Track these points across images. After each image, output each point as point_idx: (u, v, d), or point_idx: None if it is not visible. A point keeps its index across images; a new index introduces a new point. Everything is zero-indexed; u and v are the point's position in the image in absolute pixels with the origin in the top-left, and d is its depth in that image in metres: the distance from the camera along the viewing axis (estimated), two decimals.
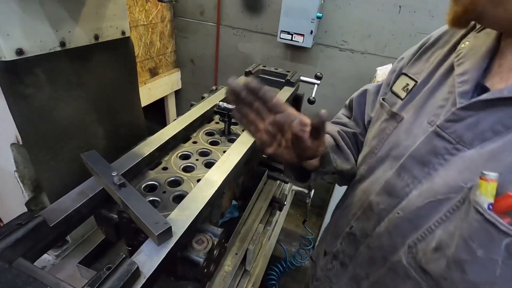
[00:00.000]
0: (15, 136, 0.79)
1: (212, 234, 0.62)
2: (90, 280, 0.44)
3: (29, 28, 0.72)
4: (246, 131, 0.56)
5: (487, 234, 0.40)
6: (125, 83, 1.08)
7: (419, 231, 0.51)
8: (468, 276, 0.43)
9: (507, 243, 0.39)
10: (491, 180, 0.40)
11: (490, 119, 0.45)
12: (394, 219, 0.55)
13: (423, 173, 0.52)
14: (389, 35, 2.11)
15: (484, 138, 0.45)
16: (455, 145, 0.48)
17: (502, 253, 0.39)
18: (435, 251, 0.48)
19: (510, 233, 0.38)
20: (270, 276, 2.12)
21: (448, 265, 0.45)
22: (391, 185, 0.57)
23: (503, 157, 0.42)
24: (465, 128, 0.47)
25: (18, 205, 0.91)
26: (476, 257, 0.42)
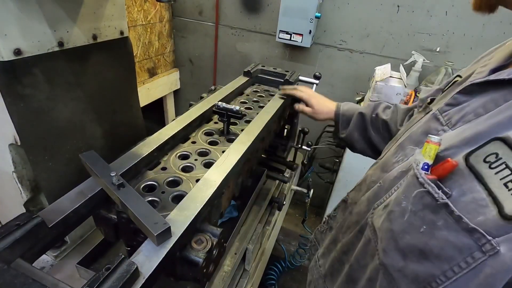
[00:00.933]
0: (13, 137, 0.79)
1: (212, 234, 0.62)
2: (89, 281, 0.44)
3: (26, 28, 0.71)
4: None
5: (412, 187, 0.44)
6: (124, 83, 1.08)
7: (384, 196, 0.54)
8: (392, 225, 0.47)
9: (419, 192, 0.42)
10: (432, 142, 0.44)
11: (477, 103, 0.46)
12: (376, 188, 0.59)
13: (412, 151, 0.54)
14: (387, 34, 2.12)
15: (466, 120, 0.46)
16: (443, 126, 0.50)
17: (413, 202, 0.43)
18: (383, 209, 0.52)
19: (424, 185, 0.41)
20: (270, 275, 2.12)
21: (384, 217, 0.49)
22: (385, 161, 0.61)
23: (464, 133, 0.43)
24: (456, 111, 0.49)
25: (17, 205, 0.91)
26: (400, 207, 0.45)
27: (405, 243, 0.44)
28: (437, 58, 2.03)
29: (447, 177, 0.41)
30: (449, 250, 0.39)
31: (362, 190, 0.65)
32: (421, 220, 0.42)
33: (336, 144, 2.31)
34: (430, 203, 0.41)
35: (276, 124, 1.20)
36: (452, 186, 0.40)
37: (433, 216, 0.41)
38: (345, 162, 2.10)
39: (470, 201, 0.38)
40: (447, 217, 0.39)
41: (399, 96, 1.77)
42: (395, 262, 0.46)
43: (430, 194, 0.41)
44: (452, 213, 0.39)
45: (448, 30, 1.96)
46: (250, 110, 1.13)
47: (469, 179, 0.39)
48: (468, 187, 0.39)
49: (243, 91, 1.30)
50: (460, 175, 0.40)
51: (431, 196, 0.41)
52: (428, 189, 0.41)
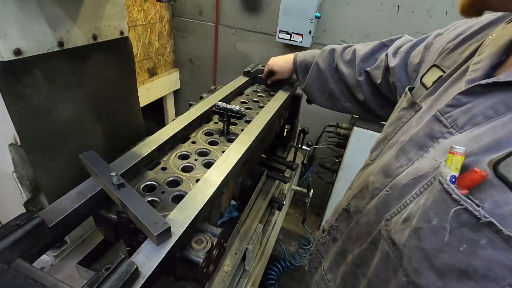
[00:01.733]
0: (13, 137, 0.79)
1: (211, 234, 0.62)
2: (89, 281, 0.44)
3: (27, 28, 0.71)
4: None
5: (443, 203, 0.41)
6: (124, 83, 1.08)
7: (397, 206, 0.52)
8: (422, 243, 0.44)
9: (455, 211, 0.39)
10: (458, 154, 0.41)
11: (484, 105, 0.45)
12: (383, 196, 0.56)
13: (417, 155, 0.53)
14: (387, 34, 2.12)
15: (475, 122, 0.45)
16: (449, 129, 0.49)
17: (450, 221, 0.40)
18: (403, 222, 0.49)
19: (460, 202, 0.39)
20: (270, 275, 2.12)
21: (409, 233, 0.46)
22: (388, 166, 0.58)
23: (483, 139, 0.42)
24: (461, 113, 0.48)
25: (17, 206, 0.91)
26: (431, 225, 0.42)
27: (442, 263, 0.41)
28: None
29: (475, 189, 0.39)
30: (498, 270, 0.36)
31: (366, 198, 0.63)
32: (459, 239, 0.39)
33: (336, 144, 2.31)
34: (468, 221, 0.38)
35: (276, 124, 1.20)
36: (482, 197, 0.38)
37: (474, 235, 0.38)
38: (345, 162, 2.10)
39: (507, 213, 0.36)
40: (492, 235, 0.37)
41: None
42: (431, 283, 0.43)
43: (468, 211, 0.38)
44: (499, 232, 0.36)
45: None
46: (250, 110, 1.13)
47: (501, 190, 0.37)
48: (502, 199, 0.37)
49: (243, 91, 1.30)
50: (490, 186, 0.38)
51: (469, 213, 0.38)
52: (466, 207, 0.38)
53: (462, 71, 0.55)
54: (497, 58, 0.48)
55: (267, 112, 1.04)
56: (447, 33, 0.69)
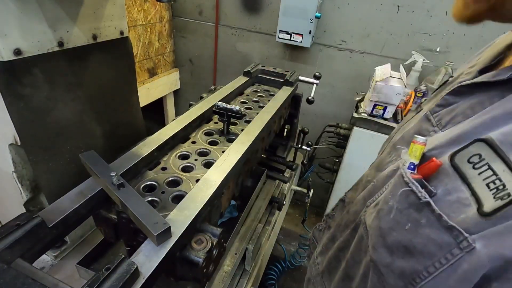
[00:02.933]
0: (13, 137, 0.79)
1: (211, 234, 0.62)
2: (89, 281, 0.44)
3: (27, 28, 0.71)
4: None
5: (398, 185, 0.45)
6: (124, 83, 1.08)
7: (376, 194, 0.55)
8: (381, 223, 0.48)
9: (404, 191, 0.43)
10: (418, 143, 0.45)
11: (465, 105, 0.47)
12: (370, 187, 0.59)
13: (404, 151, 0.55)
14: (387, 34, 2.12)
15: (455, 121, 0.47)
16: (434, 127, 0.51)
17: (399, 201, 0.44)
18: (374, 207, 0.53)
19: (409, 184, 0.42)
20: (270, 275, 2.12)
21: (374, 215, 0.50)
22: (381, 161, 0.62)
23: (451, 133, 0.44)
24: (446, 112, 0.50)
25: (17, 206, 0.91)
26: (388, 206, 0.46)
27: (392, 240, 0.45)
28: (437, 58, 2.03)
29: (433, 177, 0.42)
30: (431, 247, 0.40)
31: (359, 190, 0.67)
32: (406, 218, 0.43)
33: (336, 144, 2.31)
34: (414, 201, 0.42)
35: (276, 124, 1.20)
36: (437, 185, 0.41)
37: (417, 215, 0.42)
38: (345, 162, 2.10)
39: (454, 200, 0.39)
40: (429, 215, 0.40)
41: (399, 96, 1.77)
42: (383, 258, 0.47)
43: (414, 193, 0.42)
44: (434, 212, 0.39)
45: (448, 30, 1.96)
46: (250, 110, 1.13)
47: (453, 179, 0.40)
48: (453, 187, 0.40)
49: (243, 91, 1.30)
50: (446, 175, 0.41)
51: (415, 195, 0.42)
52: (412, 188, 0.42)
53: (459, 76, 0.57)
54: (489, 62, 0.50)
55: (267, 112, 1.04)
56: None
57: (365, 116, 1.89)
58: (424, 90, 1.88)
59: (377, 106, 1.86)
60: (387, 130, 1.84)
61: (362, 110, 1.93)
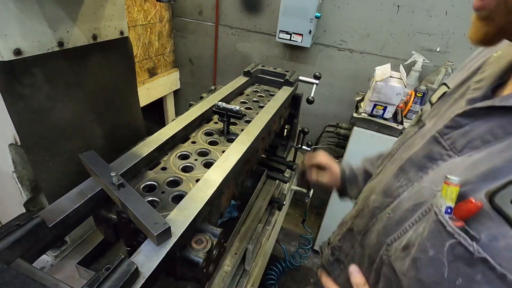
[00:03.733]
0: (13, 137, 0.79)
1: (211, 234, 0.62)
2: (89, 281, 0.44)
3: (26, 28, 0.71)
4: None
5: (438, 234, 0.41)
6: (124, 83, 1.08)
7: (398, 231, 0.51)
8: (420, 274, 0.43)
9: (450, 244, 0.39)
10: (453, 184, 0.40)
11: (481, 128, 0.44)
12: (384, 219, 0.55)
13: (417, 176, 0.52)
14: (387, 34, 2.12)
15: (473, 146, 0.45)
16: (447, 151, 0.48)
17: (446, 254, 0.39)
18: (403, 250, 0.48)
19: (454, 235, 0.38)
20: (270, 275, 2.12)
21: (409, 263, 0.46)
22: (388, 185, 0.58)
23: (480, 166, 0.41)
24: (460, 135, 0.47)
25: (17, 206, 0.91)
26: (427, 256, 0.42)
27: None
28: (437, 58, 2.03)
29: (471, 219, 0.38)
30: None
31: (366, 217, 0.62)
32: (455, 273, 0.39)
33: (336, 144, 2.31)
34: (463, 254, 0.38)
35: (276, 124, 1.20)
36: (478, 228, 0.37)
37: (469, 270, 0.37)
38: (345, 162, 2.10)
39: (503, 248, 0.35)
40: (487, 271, 0.36)
41: (399, 96, 1.77)
42: None
43: (462, 245, 0.38)
44: (494, 270, 0.35)
45: (448, 30, 1.96)
46: (250, 110, 1.13)
47: (498, 223, 0.36)
48: (498, 232, 0.36)
49: (243, 91, 1.30)
50: (487, 217, 0.37)
51: (463, 247, 0.38)
52: (460, 240, 0.38)
53: (466, 88, 0.54)
54: (499, 78, 0.47)
55: (267, 112, 1.04)
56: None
57: (365, 116, 1.89)
58: (424, 90, 1.88)
59: (377, 106, 1.86)
60: (387, 130, 1.84)
61: (362, 110, 1.93)
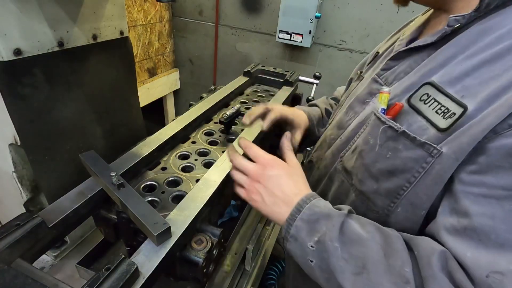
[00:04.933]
0: (13, 137, 0.79)
1: (212, 234, 0.62)
2: (89, 281, 0.44)
3: (26, 28, 0.71)
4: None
5: (376, 127, 0.57)
6: (124, 83, 1.08)
7: (348, 145, 0.67)
8: (364, 160, 0.59)
9: (383, 128, 0.55)
10: (385, 92, 0.58)
11: (404, 65, 0.61)
12: (338, 143, 0.71)
13: (361, 108, 0.68)
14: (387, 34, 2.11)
15: (399, 78, 0.61)
16: (383, 85, 0.64)
17: (380, 137, 0.56)
18: (352, 153, 0.65)
19: (386, 122, 0.54)
20: (270, 275, 2.12)
21: (356, 157, 0.62)
22: (340, 120, 0.74)
23: (403, 85, 0.58)
24: (390, 73, 0.64)
25: (17, 206, 0.91)
26: (369, 145, 0.58)
27: (376, 170, 0.57)
28: None
29: (397, 117, 0.55)
30: (409, 163, 0.51)
31: (324, 148, 0.78)
32: (386, 149, 0.55)
33: None
34: (391, 134, 0.54)
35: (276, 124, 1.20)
36: (401, 121, 0.54)
37: (395, 143, 0.53)
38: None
39: (416, 128, 0.51)
40: (405, 140, 0.52)
41: None
42: (370, 186, 0.59)
43: (391, 127, 0.54)
44: (409, 136, 0.51)
45: None
46: None
47: (412, 114, 0.53)
48: (413, 120, 0.52)
49: (243, 91, 1.30)
50: (406, 113, 0.54)
51: (392, 129, 0.54)
52: (389, 124, 0.54)
53: (392, 48, 0.71)
54: (413, 34, 0.66)
55: None
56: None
57: None
58: None
59: None
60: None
61: None
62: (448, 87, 0.49)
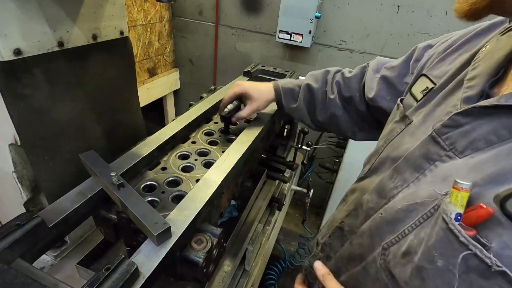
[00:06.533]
0: (13, 137, 0.78)
1: (211, 234, 0.62)
2: (89, 281, 0.44)
3: (26, 28, 0.71)
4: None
5: (448, 244, 0.38)
6: (124, 83, 1.08)
7: (394, 234, 0.49)
8: (426, 285, 0.42)
9: (464, 256, 0.37)
10: (463, 190, 0.38)
11: (484, 128, 0.42)
12: (377, 219, 0.54)
13: (413, 177, 0.50)
14: (387, 34, 2.12)
15: (476, 147, 0.43)
16: (447, 152, 0.46)
17: (459, 266, 0.37)
18: (403, 256, 0.46)
19: (468, 246, 0.36)
20: (270, 275, 2.12)
21: (412, 271, 0.44)
22: (382, 186, 0.56)
23: (486, 168, 0.39)
24: (460, 135, 0.45)
25: (17, 206, 0.91)
26: (436, 267, 0.40)
27: None
28: None
29: (480, 225, 0.36)
30: None
31: (360, 217, 0.61)
32: (467, 285, 0.37)
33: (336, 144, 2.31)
34: (477, 266, 0.36)
35: (276, 124, 1.20)
36: (489, 236, 0.36)
37: (484, 282, 0.36)
38: (345, 162, 2.10)
39: None
40: (504, 285, 0.34)
41: None
42: None
43: (477, 257, 0.35)
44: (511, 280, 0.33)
45: (448, 30, 1.96)
46: None
47: (510, 229, 0.34)
48: (510, 239, 0.34)
49: None
50: (497, 224, 0.35)
51: (479, 259, 0.35)
52: (475, 252, 0.36)
53: (456, 84, 0.52)
54: (494, 74, 0.46)
55: (267, 112, 1.04)
56: (437, 45, 0.68)
57: None
58: None
59: None
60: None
61: None
62: None
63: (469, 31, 0.60)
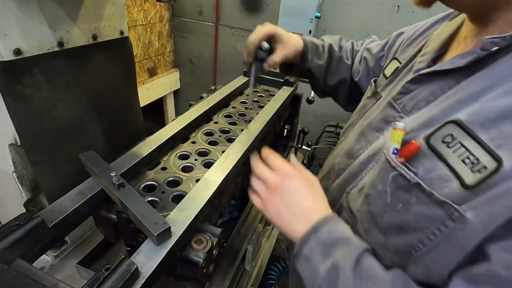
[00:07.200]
0: (13, 137, 0.79)
1: (212, 234, 0.62)
2: (89, 281, 0.44)
3: (27, 28, 0.71)
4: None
5: (385, 170, 0.48)
6: (124, 83, 1.08)
7: (355, 180, 0.60)
8: (370, 206, 0.52)
9: (393, 176, 0.46)
10: (399, 129, 0.48)
11: (426, 90, 0.52)
12: (345, 175, 0.64)
13: (374, 138, 0.60)
14: (387, 34, 2.11)
15: (419, 106, 0.52)
16: (400, 113, 0.56)
17: (390, 185, 0.47)
18: (358, 192, 0.57)
19: (396, 168, 0.46)
20: (270, 275, 2.12)
21: (362, 200, 0.54)
22: (350, 148, 0.66)
23: (421, 118, 0.49)
24: (409, 99, 0.55)
25: (17, 206, 0.91)
26: (376, 190, 0.50)
27: (385, 222, 0.49)
28: None
29: (412, 158, 0.46)
30: (423, 222, 0.43)
31: (332, 178, 0.70)
32: (396, 200, 0.46)
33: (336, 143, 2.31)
34: (403, 183, 0.45)
35: (276, 124, 1.20)
36: (417, 165, 0.45)
37: (407, 195, 0.45)
38: None
39: (435, 177, 0.43)
40: (419, 194, 0.43)
41: None
42: (377, 240, 0.51)
43: (402, 176, 0.45)
44: (424, 190, 0.43)
45: None
46: (251, 110, 1.13)
47: (431, 159, 0.44)
48: (432, 166, 0.44)
49: (243, 91, 1.30)
50: (423, 156, 0.45)
51: (403, 177, 0.45)
52: (400, 172, 0.45)
53: (414, 62, 0.61)
54: (438, 50, 0.56)
55: (267, 112, 1.04)
56: (407, 32, 0.78)
57: None
58: None
59: None
60: None
61: None
62: (480, 131, 0.39)
63: (431, 19, 0.72)
